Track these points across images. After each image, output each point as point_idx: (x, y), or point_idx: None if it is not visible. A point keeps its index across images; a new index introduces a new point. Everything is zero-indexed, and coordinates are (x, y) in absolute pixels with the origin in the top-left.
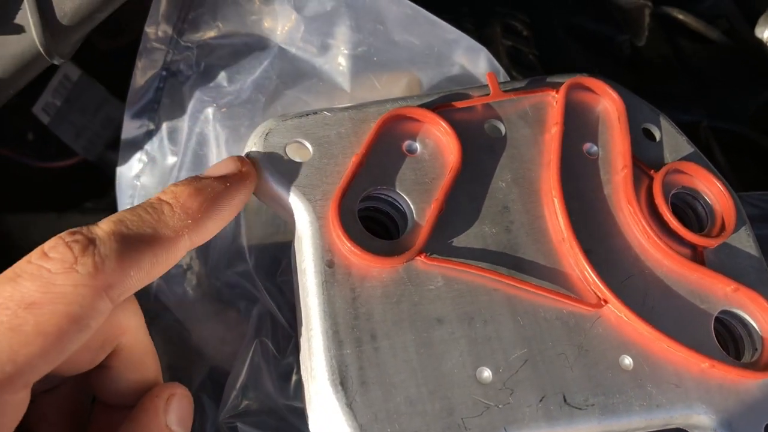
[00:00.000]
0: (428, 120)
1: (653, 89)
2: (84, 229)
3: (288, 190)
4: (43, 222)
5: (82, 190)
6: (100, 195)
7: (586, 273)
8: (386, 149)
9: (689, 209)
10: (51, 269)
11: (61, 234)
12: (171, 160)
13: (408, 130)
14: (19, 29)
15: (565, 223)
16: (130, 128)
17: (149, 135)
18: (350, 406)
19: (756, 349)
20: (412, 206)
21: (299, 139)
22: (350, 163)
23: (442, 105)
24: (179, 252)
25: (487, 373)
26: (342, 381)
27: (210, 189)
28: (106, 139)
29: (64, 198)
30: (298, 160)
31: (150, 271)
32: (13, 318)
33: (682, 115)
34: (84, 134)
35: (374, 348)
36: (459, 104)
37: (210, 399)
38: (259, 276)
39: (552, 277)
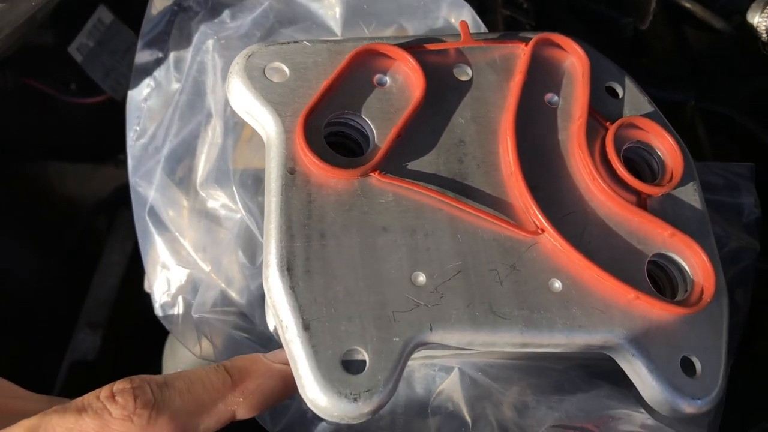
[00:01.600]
0: (398, 57)
1: (648, 69)
2: (153, 383)
3: (263, 105)
4: (81, 172)
5: (111, 129)
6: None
7: (528, 204)
8: (357, 79)
9: (645, 164)
10: (113, 413)
11: (134, 378)
12: (175, 85)
13: (380, 65)
14: None
15: (513, 158)
16: (142, 56)
17: (158, 63)
18: (293, 289)
19: (686, 291)
20: (374, 131)
21: (278, 63)
22: (321, 87)
23: (414, 45)
24: (223, 422)
25: (422, 278)
26: (289, 268)
27: (268, 380)
28: None
29: (95, 136)
30: (275, 80)
31: None
32: None
33: (671, 94)
34: (112, 74)
35: (322, 245)
36: (430, 46)
37: (187, 300)
38: (240, 194)
39: (496, 205)
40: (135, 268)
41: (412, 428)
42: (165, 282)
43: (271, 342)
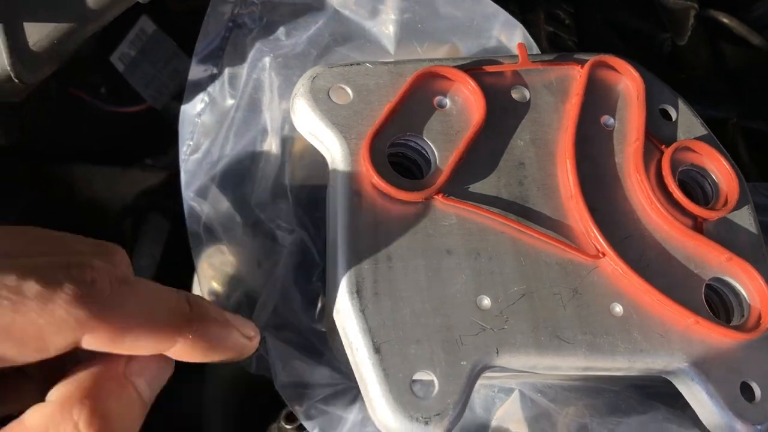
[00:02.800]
0: (458, 79)
1: (688, 85)
2: (114, 277)
3: (328, 127)
4: (108, 175)
5: (147, 139)
6: (161, 147)
7: (588, 227)
8: (418, 101)
9: (698, 186)
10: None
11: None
12: (229, 102)
13: (440, 87)
14: None
15: (573, 181)
16: (196, 71)
17: (212, 78)
18: (363, 311)
19: (743, 315)
20: (436, 153)
21: (342, 85)
22: (384, 109)
23: (473, 67)
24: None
25: (486, 301)
26: (358, 290)
27: (216, 327)
28: (172, 89)
29: (131, 144)
30: (339, 102)
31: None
32: None
33: (711, 111)
34: (153, 84)
35: (389, 267)
36: (489, 68)
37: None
38: (296, 211)
39: (557, 228)
40: (164, 273)
41: None
42: (219, 298)
43: (322, 356)
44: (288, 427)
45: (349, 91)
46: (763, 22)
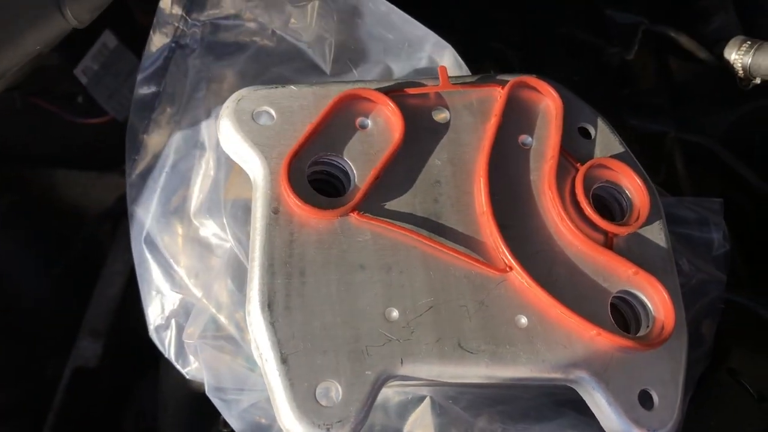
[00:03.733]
0: (379, 101)
1: (630, 99)
2: None
3: (250, 147)
4: (85, 181)
5: (114, 148)
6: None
7: (497, 242)
8: (341, 122)
9: (615, 202)
10: None
11: None
12: (171, 119)
13: (363, 109)
14: None
15: (485, 198)
16: (140, 90)
17: (155, 97)
18: (273, 324)
19: (648, 327)
20: (355, 172)
21: (265, 107)
22: (305, 130)
23: (395, 90)
24: None
25: (395, 313)
26: (270, 304)
27: None
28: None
29: (98, 154)
30: (262, 123)
31: None
32: None
33: (651, 124)
34: (115, 96)
35: (302, 282)
36: (410, 90)
37: (179, 323)
38: (229, 224)
39: (469, 243)
40: (136, 279)
41: None
42: (159, 306)
43: (257, 364)
44: (225, 431)
45: (273, 112)
46: (717, 35)
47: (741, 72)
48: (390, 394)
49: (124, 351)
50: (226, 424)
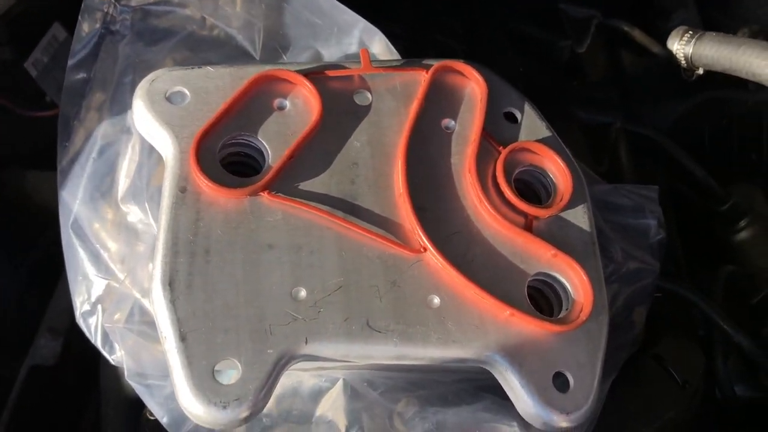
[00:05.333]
0: (297, 82)
1: (578, 91)
2: None
3: (161, 126)
4: (40, 179)
5: None
6: None
7: (413, 223)
8: (257, 103)
9: (541, 186)
10: None
11: None
12: (101, 105)
13: (281, 90)
14: None
15: (402, 180)
16: (71, 75)
17: (86, 82)
18: (173, 303)
19: (567, 309)
20: (270, 153)
21: (180, 87)
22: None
23: (315, 72)
24: None
25: (303, 293)
26: (171, 282)
27: None
28: None
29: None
30: (176, 104)
31: None
32: None
33: (597, 116)
34: None
35: (206, 261)
36: (331, 73)
37: (105, 309)
38: (152, 209)
39: (385, 224)
40: None
41: None
42: (85, 291)
43: None
44: (152, 418)
45: (187, 92)
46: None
47: (684, 62)
48: (304, 377)
49: (84, 351)
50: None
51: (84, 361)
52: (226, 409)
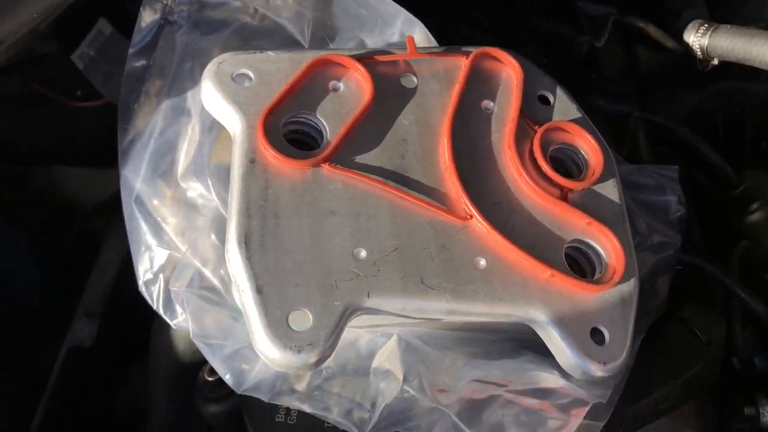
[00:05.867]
0: (350, 66)
1: (597, 84)
2: None
3: (230, 104)
4: (82, 176)
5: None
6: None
7: (459, 193)
8: (314, 85)
9: (572, 163)
10: None
11: None
12: (160, 90)
13: (335, 73)
14: None
15: (449, 154)
16: (132, 63)
17: (145, 69)
18: (249, 259)
19: (600, 272)
20: (328, 129)
21: (245, 70)
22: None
23: (366, 57)
24: None
25: (363, 253)
26: (246, 242)
27: None
28: None
29: (96, 141)
30: (241, 84)
31: None
32: None
33: (616, 105)
34: (111, 81)
35: (276, 224)
36: (380, 58)
37: (167, 277)
38: (214, 184)
39: (433, 194)
40: (130, 265)
41: (356, 386)
42: (148, 261)
43: (240, 314)
44: (210, 380)
45: (251, 74)
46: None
47: (699, 54)
48: (360, 333)
49: (119, 334)
50: (211, 372)
51: (119, 343)
52: (300, 353)
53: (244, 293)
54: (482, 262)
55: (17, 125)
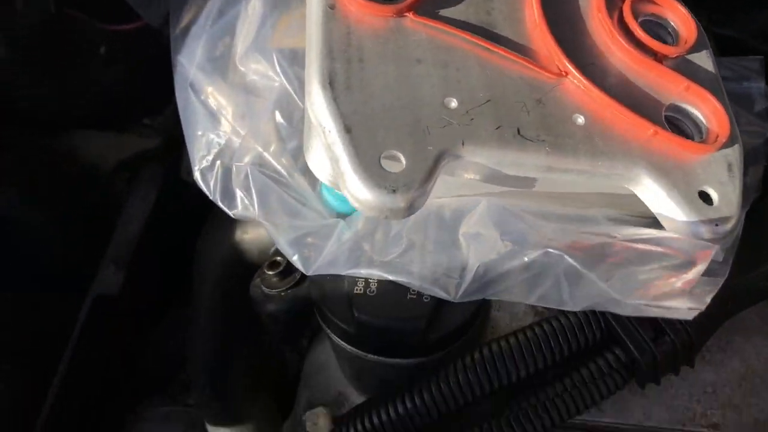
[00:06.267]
0: None
1: None
2: None
3: None
4: (104, 140)
5: (144, 93)
6: (158, 106)
7: (552, 50)
8: None
9: (660, 39)
10: None
11: None
12: None
13: None
14: None
15: (538, 11)
16: None
17: None
18: (335, 99)
19: (701, 136)
20: None
21: None
22: None
23: None
24: None
25: (454, 103)
26: (331, 83)
27: None
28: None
29: (128, 102)
30: None
31: None
32: None
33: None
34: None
35: (361, 67)
36: None
37: (225, 164)
38: (279, 60)
39: (522, 51)
40: (155, 218)
41: (443, 251)
42: (205, 147)
43: (306, 199)
44: (270, 273)
45: None
46: None
47: None
48: (445, 202)
49: (145, 280)
50: (271, 266)
51: (147, 294)
52: (395, 193)
53: (331, 134)
54: (580, 120)
55: (42, 88)
